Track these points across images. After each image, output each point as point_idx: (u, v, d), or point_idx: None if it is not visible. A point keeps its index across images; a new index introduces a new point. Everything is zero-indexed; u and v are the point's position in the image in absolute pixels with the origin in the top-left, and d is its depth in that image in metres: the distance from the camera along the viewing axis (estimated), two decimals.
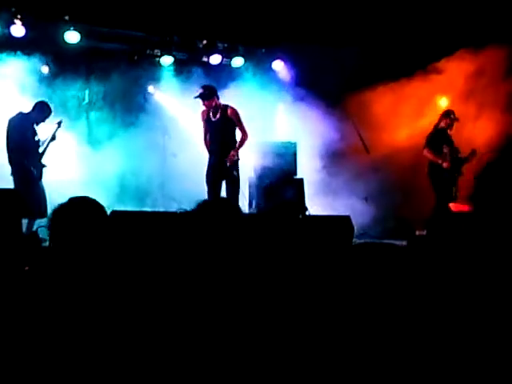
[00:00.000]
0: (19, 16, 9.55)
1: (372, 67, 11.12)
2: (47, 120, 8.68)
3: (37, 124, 8.57)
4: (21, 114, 8.51)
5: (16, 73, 9.47)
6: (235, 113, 8.92)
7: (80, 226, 3.26)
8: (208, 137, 9.04)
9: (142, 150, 10.73)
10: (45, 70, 9.86)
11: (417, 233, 8.79)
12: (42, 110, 8.62)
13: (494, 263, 3.84)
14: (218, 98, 8.96)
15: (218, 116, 8.85)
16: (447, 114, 9.77)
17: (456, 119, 9.70)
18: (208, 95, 8.80)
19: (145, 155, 10.74)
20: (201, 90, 8.85)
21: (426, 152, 9.67)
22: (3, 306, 2.96)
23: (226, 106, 8.93)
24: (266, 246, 5.61)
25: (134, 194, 9.90)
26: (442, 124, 9.71)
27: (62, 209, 3.30)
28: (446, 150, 9.54)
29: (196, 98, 8.84)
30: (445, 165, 9.48)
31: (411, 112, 11.19)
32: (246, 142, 9.08)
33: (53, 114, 8.75)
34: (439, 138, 9.68)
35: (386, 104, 11.12)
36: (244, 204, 9.64)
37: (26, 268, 4.25)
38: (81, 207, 3.34)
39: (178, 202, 9.75)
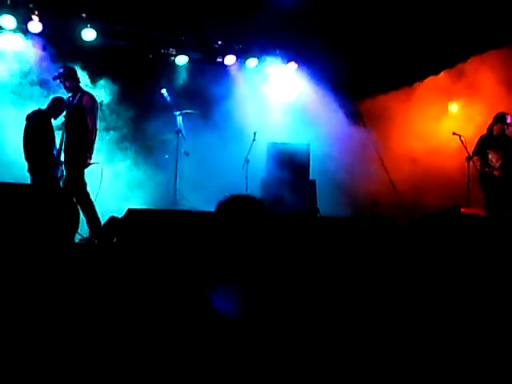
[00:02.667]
0: (36, 12, 9.60)
1: (386, 70, 11.12)
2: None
3: (55, 118, 8.61)
4: (39, 110, 8.53)
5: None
6: (90, 102, 8.46)
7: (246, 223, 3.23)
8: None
9: (154, 148, 10.78)
10: None
11: None
12: (57, 105, 8.65)
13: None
14: (78, 82, 8.68)
15: (75, 101, 8.46)
16: (500, 119, 9.19)
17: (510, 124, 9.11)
18: (68, 76, 8.52)
19: (158, 154, 10.78)
20: (60, 70, 8.56)
21: (475, 159, 9.26)
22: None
23: (84, 93, 8.60)
24: (286, 246, 5.62)
25: (147, 192, 9.89)
26: (495, 128, 9.20)
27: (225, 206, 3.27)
28: (490, 156, 9.17)
29: (55, 78, 8.57)
30: (495, 173, 9.12)
31: (425, 116, 11.18)
32: None
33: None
34: (486, 143, 9.25)
35: (400, 108, 11.13)
36: None
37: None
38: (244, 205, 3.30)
39: (190, 201, 9.77)
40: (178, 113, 10.21)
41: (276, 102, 11.85)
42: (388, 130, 11.15)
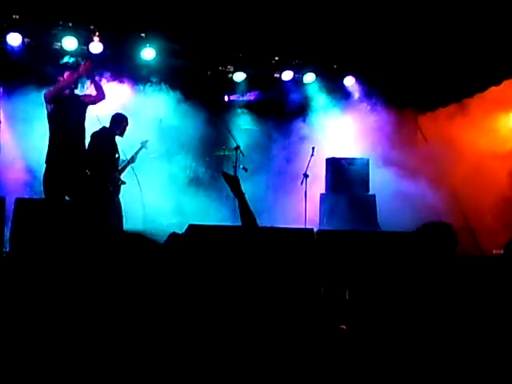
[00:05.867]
0: (97, 33, 9.81)
1: (443, 83, 10.93)
2: (127, 129, 8.87)
3: (121, 135, 8.76)
4: (104, 128, 8.68)
5: None
6: None
7: None
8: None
9: (213, 164, 10.85)
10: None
11: (493, 252, 8.54)
12: (119, 122, 8.81)
13: None
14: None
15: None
16: None
17: None
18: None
19: (216, 170, 10.84)
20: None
21: None
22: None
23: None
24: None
25: (206, 208, 9.94)
26: None
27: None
28: None
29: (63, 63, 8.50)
30: None
31: (484, 129, 10.91)
32: None
33: (129, 125, 8.92)
34: None
35: (459, 121, 10.90)
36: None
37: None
38: None
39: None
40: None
41: (334, 116, 11.78)
42: (447, 144, 10.91)
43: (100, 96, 8.24)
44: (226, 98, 11.05)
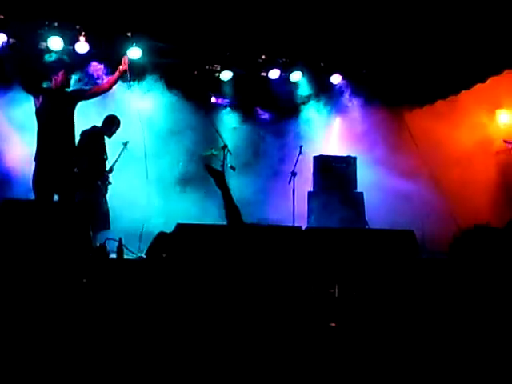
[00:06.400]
0: (83, 33, 9.77)
1: (430, 80, 10.97)
2: (117, 131, 8.86)
3: (109, 137, 8.76)
4: (94, 127, 8.66)
5: None
6: None
7: None
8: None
9: (201, 163, 10.81)
10: None
11: None
12: (111, 123, 8.80)
13: None
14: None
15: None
16: None
17: None
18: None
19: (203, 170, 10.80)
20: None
21: None
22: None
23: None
24: (329, 259, 5.56)
25: (195, 207, 9.91)
26: None
27: None
28: None
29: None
30: None
31: (471, 126, 10.94)
32: None
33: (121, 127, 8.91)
34: None
35: (445, 118, 10.93)
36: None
37: (84, 280, 4.30)
38: None
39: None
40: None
41: (320, 114, 11.80)
42: (434, 141, 10.94)
43: (107, 87, 8.02)
44: (214, 99, 11.03)
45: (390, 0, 9.33)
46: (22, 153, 8.83)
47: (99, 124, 8.82)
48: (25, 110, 8.56)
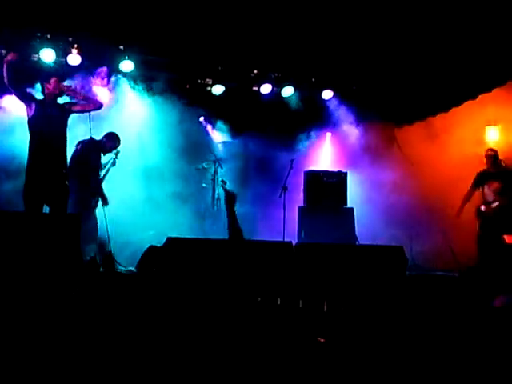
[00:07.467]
0: (76, 45, 9.77)
1: (421, 97, 11.04)
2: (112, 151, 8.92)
3: (104, 153, 8.76)
4: (91, 139, 8.60)
5: None
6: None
7: None
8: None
9: (191, 176, 10.82)
10: None
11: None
12: (112, 140, 8.84)
13: None
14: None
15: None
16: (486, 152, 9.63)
17: (491, 154, 9.51)
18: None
19: (194, 183, 10.81)
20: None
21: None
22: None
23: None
24: (320, 274, 5.56)
25: (185, 220, 9.89)
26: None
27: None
28: (486, 190, 9.46)
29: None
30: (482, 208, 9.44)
31: (460, 142, 10.99)
32: None
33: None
34: (480, 179, 9.61)
35: (435, 135, 10.98)
36: None
37: (73, 293, 4.29)
38: None
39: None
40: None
41: (311, 129, 11.83)
42: (424, 157, 10.99)
43: (91, 106, 7.95)
44: (202, 119, 11.05)
45: (381, 18, 9.38)
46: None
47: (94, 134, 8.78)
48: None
